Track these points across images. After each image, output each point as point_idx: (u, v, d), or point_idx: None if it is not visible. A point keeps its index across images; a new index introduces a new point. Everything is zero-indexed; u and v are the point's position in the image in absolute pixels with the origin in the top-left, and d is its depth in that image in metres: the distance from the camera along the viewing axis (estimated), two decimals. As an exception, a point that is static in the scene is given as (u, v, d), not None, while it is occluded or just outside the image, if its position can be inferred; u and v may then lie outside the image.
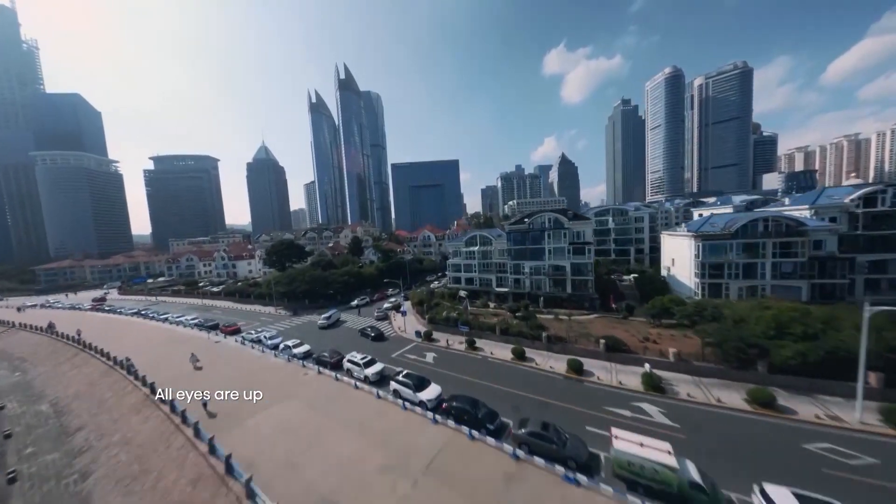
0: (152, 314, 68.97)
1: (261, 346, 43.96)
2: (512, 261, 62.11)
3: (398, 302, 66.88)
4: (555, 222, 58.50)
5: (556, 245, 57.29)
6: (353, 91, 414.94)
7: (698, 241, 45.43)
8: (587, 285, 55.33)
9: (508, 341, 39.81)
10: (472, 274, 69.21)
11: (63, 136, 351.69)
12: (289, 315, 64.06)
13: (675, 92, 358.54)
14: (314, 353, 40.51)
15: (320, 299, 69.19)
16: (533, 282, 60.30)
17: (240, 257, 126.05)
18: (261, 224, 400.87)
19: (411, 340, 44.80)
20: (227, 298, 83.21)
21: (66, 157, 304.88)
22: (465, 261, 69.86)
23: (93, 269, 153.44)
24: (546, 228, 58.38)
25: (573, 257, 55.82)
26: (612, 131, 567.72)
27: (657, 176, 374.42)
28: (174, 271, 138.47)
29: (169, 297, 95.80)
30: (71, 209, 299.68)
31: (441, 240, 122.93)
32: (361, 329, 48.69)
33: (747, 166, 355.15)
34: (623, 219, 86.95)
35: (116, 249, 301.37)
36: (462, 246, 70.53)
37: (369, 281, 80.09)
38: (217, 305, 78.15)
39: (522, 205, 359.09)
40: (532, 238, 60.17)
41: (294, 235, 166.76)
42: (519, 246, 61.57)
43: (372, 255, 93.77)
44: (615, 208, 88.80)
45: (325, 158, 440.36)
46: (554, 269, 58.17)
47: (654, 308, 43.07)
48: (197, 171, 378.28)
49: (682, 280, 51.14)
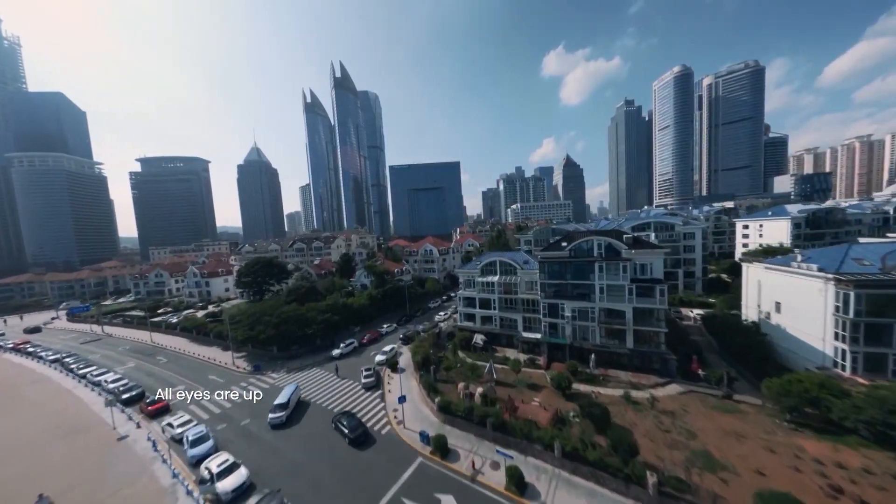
0: (74, 364, 52.95)
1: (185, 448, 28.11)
2: (546, 299, 46.42)
3: (394, 351, 51.12)
4: (607, 249, 42.91)
5: (612, 282, 41.64)
6: (349, 90, 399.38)
7: (847, 288, 30.01)
8: (658, 340, 39.74)
9: (579, 473, 23.98)
10: (490, 311, 53.47)
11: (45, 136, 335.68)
12: (247, 374, 47.85)
13: (685, 91, 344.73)
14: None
15: (293, 345, 53.22)
16: (577, 329, 44.64)
17: (214, 274, 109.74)
18: (252, 229, 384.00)
19: (412, 450, 28.47)
20: (185, 335, 67.11)
21: (45, 159, 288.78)
22: (482, 294, 54.13)
23: (53, 284, 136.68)
24: (595, 259, 42.74)
25: (637, 300, 40.23)
26: (614, 133, 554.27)
27: (666, 178, 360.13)
28: (141, 289, 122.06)
29: (119, 329, 79.51)
30: (49, 213, 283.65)
31: (444, 254, 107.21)
32: (335, 419, 32.52)
33: (759, 168, 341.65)
34: (668, 234, 71.33)
35: (100, 256, 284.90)
36: (477, 274, 54.81)
37: (359, 315, 64.20)
38: (168, 347, 62.03)
39: (526, 209, 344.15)
40: (575, 270, 44.52)
41: (281, 246, 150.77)
42: (556, 280, 45.87)
43: (364, 277, 77.89)
44: (658, 221, 73.17)
45: (320, 160, 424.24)
46: (607, 314, 42.56)
47: (792, 395, 27.41)
48: (186, 173, 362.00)
49: (800, 337, 35.78)
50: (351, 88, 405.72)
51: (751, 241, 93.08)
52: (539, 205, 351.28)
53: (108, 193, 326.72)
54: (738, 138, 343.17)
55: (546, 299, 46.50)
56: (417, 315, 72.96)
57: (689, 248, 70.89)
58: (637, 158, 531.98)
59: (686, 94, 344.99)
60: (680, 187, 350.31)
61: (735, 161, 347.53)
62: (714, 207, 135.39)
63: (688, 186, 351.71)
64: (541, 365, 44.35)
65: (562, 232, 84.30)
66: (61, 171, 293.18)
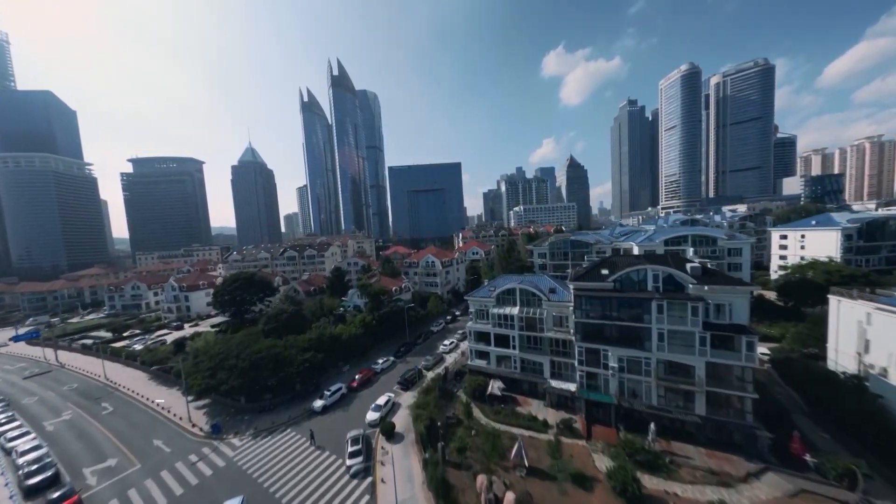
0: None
1: None
2: (583, 342, 36.43)
3: (390, 403, 41.05)
4: (667, 282, 32.97)
5: (675, 326, 31.64)
6: (347, 89, 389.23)
7: None
8: (743, 407, 29.75)
9: None
10: (509, 351, 43.44)
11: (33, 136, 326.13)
12: (202, 439, 37.57)
13: (692, 91, 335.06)
14: None
15: (266, 394, 43.09)
16: (625, 384, 34.64)
17: (194, 287, 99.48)
18: (247, 232, 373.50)
19: None
20: (144, 369, 56.92)
21: (31, 160, 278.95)
22: (498, 328, 44.12)
23: (24, 296, 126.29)
24: (651, 295, 32.74)
25: (711, 352, 30.29)
26: (617, 133, 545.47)
27: (673, 180, 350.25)
28: (116, 302, 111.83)
29: (77, 356, 69.24)
30: (36, 216, 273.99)
31: (448, 266, 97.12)
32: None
33: (769, 170, 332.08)
34: (711, 250, 61.21)
35: (90, 260, 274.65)
36: (491, 304, 44.79)
37: (350, 347, 54.09)
38: (121, 387, 51.82)
39: (529, 211, 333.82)
40: (622, 309, 34.54)
41: (272, 254, 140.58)
42: (596, 320, 35.84)
43: (357, 297, 67.78)
44: (697, 235, 63.03)
45: (317, 160, 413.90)
46: (668, 367, 32.60)
47: None
48: (179, 174, 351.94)
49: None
50: (349, 87, 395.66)
51: (790, 253, 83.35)
52: (542, 207, 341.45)
53: (98, 195, 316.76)
54: (746, 139, 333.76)
55: (582, 342, 36.44)
56: (418, 343, 62.96)
57: (734, 265, 60.90)
58: (640, 159, 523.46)
59: (694, 94, 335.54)
60: (687, 189, 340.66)
61: (743, 162, 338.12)
62: (737, 213, 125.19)
63: (696, 188, 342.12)
64: (579, 429, 34.40)
65: (582, 245, 74.23)
66: (48, 171, 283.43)
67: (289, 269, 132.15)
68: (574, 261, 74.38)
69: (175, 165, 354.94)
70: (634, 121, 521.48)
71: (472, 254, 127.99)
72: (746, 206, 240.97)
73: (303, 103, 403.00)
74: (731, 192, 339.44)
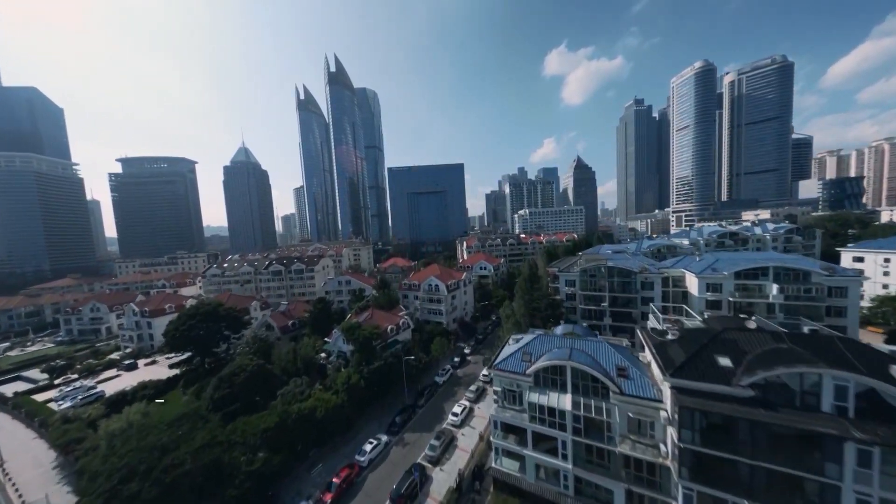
0: None
1: None
2: (692, 482, 21.97)
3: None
4: (859, 398, 18.51)
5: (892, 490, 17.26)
6: (344, 86, 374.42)
7: None
8: None
9: None
10: (556, 462, 28.98)
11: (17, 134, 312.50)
12: None
13: (707, 89, 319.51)
14: None
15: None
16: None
17: (159, 312, 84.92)
18: (240, 235, 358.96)
19: None
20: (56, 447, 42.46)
21: (11, 159, 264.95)
22: (538, 424, 29.74)
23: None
24: (838, 428, 18.31)
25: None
26: (623, 133, 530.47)
27: (685, 182, 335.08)
28: (73, 326, 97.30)
29: None
30: (15, 219, 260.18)
31: (454, 289, 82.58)
32: None
33: (786, 172, 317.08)
34: (803, 289, 46.50)
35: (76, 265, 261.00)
36: (527, 384, 30.37)
37: (326, 425, 39.54)
38: (11, 479, 37.40)
39: (535, 215, 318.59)
40: (775, 441, 20.06)
41: (255, 267, 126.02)
42: (720, 452, 21.35)
43: (342, 342, 53.23)
44: (781, 267, 48.24)
45: (314, 160, 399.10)
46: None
47: None
48: (171, 174, 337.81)
49: None
50: (347, 84, 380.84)
51: (874, 280, 68.90)
52: (549, 211, 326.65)
53: (84, 196, 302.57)
54: (762, 139, 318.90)
55: (691, 483, 22.00)
56: (420, 406, 48.53)
57: (835, 309, 46.27)
58: (648, 160, 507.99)
59: (708, 92, 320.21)
60: (700, 191, 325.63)
61: (759, 164, 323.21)
62: (781, 225, 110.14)
63: (709, 191, 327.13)
64: None
65: (624, 273, 58.92)
66: (30, 172, 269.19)
67: (273, 285, 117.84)
68: (612, 292, 59.81)
69: (166, 166, 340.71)
70: (641, 121, 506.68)
71: (480, 268, 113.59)
72: (770, 213, 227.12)
73: (299, 101, 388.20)
74: (746, 195, 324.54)
